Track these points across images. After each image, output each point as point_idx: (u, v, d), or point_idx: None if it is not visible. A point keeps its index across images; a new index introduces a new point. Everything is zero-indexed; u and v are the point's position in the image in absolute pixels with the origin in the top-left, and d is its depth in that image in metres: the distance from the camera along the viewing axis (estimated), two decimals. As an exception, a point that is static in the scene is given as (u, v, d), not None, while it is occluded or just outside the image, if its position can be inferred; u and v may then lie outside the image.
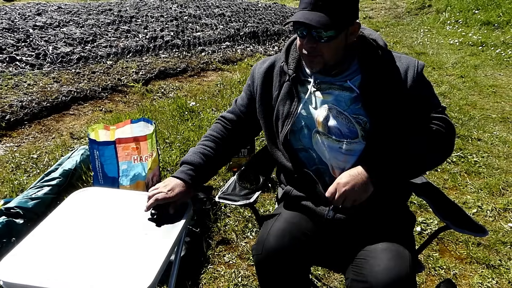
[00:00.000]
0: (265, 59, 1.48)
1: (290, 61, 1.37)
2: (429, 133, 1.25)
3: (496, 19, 7.09)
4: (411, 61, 1.28)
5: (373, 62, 1.27)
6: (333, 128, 1.27)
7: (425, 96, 1.28)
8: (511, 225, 2.29)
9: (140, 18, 6.69)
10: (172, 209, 1.32)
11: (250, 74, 1.49)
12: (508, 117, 3.79)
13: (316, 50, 1.21)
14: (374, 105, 1.24)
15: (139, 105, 4.00)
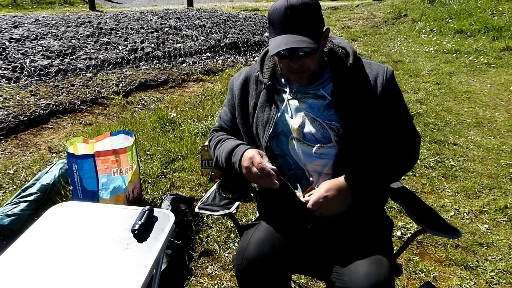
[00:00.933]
0: (241, 71, 1.51)
1: (264, 70, 1.41)
2: (398, 144, 1.31)
3: (469, 28, 7.31)
4: (380, 68, 1.33)
5: (344, 69, 1.32)
6: (307, 134, 1.31)
7: (394, 101, 1.33)
8: (487, 227, 2.35)
9: (120, 30, 6.66)
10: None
11: (229, 88, 1.52)
12: (482, 121, 3.90)
13: (303, 66, 1.27)
14: (345, 111, 1.29)
15: (119, 117, 3.97)
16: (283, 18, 1.22)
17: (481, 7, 7.97)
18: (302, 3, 1.21)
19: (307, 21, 1.23)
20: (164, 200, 2.37)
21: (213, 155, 1.49)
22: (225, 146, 1.42)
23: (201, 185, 2.78)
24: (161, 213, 1.38)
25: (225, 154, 1.39)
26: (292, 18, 1.21)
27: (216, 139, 1.50)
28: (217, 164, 1.46)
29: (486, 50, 6.35)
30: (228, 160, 1.37)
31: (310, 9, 1.23)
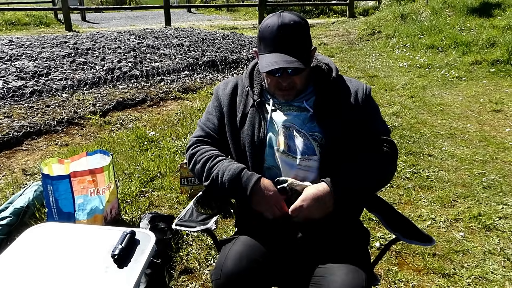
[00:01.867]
0: (227, 81, 1.53)
1: (254, 86, 1.45)
2: (377, 155, 1.36)
3: (440, 43, 7.58)
4: (360, 85, 1.42)
5: (327, 84, 1.39)
6: (292, 146, 1.35)
7: (373, 115, 1.41)
8: (462, 234, 2.40)
9: (97, 50, 6.64)
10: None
11: (214, 97, 1.52)
12: (455, 133, 4.02)
13: (291, 83, 1.32)
14: (327, 121, 1.34)
15: (96, 137, 3.92)
16: (275, 37, 1.26)
17: (450, 24, 8.28)
18: (294, 23, 1.26)
19: (298, 41, 1.28)
20: (143, 219, 2.34)
21: (200, 169, 1.40)
22: (225, 165, 1.36)
23: (181, 203, 2.76)
24: (142, 234, 1.36)
25: (230, 174, 1.33)
26: (284, 38, 1.26)
27: (204, 154, 1.42)
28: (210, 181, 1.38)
29: (456, 64, 6.57)
30: (234, 181, 1.32)
31: (301, 29, 1.28)
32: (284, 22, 1.25)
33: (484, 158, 3.42)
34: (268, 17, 1.31)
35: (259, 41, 1.33)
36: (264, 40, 1.30)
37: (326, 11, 14.55)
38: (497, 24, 7.76)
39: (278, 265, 1.34)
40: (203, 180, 1.41)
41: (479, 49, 6.95)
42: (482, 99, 5.04)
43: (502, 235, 2.39)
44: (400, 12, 9.71)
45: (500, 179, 3.05)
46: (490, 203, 2.74)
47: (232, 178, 1.32)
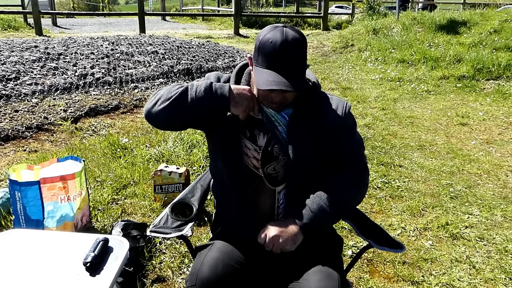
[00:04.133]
0: (218, 74, 1.48)
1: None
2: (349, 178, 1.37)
3: (410, 58, 7.85)
4: (340, 101, 1.42)
5: (310, 98, 1.38)
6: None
7: (349, 133, 1.42)
8: (430, 243, 2.48)
9: (69, 55, 6.51)
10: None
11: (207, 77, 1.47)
12: (424, 144, 4.16)
13: (284, 100, 1.31)
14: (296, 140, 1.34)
15: (67, 143, 3.83)
16: (276, 54, 1.23)
17: (420, 39, 8.60)
18: (297, 41, 1.24)
19: (298, 62, 1.26)
20: (115, 227, 2.29)
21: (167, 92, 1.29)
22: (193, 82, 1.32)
23: (154, 211, 2.72)
24: (116, 241, 1.33)
25: (202, 82, 1.29)
26: (286, 58, 1.23)
27: (174, 84, 1.34)
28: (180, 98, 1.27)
29: (425, 79, 6.82)
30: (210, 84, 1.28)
31: (302, 48, 1.26)
32: (288, 40, 1.22)
33: (451, 170, 3.55)
34: (269, 30, 1.26)
35: (258, 52, 1.28)
36: (264, 54, 1.25)
37: (301, 23, 14.83)
38: (463, 41, 8.11)
39: (254, 272, 1.34)
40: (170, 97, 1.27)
41: (447, 65, 7.24)
42: (450, 112, 5.24)
43: (468, 244, 2.48)
44: (372, 26, 10.01)
45: (466, 190, 3.17)
46: (457, 212, 2.84)
47: (206, 84, 1.28)
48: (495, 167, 3.60)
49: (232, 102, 1.29)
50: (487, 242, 2.50)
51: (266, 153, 1.36)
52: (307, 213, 1.30)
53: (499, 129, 4.63)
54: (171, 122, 1.35)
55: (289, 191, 1.37)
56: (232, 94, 1.29)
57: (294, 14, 15.93)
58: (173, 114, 1.29)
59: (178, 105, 1.26)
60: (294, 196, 1.36)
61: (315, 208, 1.30)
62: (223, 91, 1.27)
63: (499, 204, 2.95)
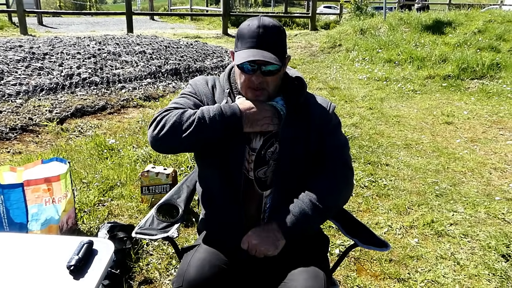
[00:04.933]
0: (205, 78, 1.49)
1: (233, 89, 1.43)
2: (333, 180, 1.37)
3: (396, 57, 7.93)
4: (325, 101, 1.45)
5: (297, 98, 1.39)
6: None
7: (334, 133, 1.43)
8: (416, 240, 2.51)
9: (54, 55, 6.43)
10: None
11: (192, 87, 1.45)
12: (410, 143, 4.20)
13: (263, 83, 1.32)
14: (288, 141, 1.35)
15: (53, 145, 3.78)
16: (254, 34, 1.29)
17: (406, 39, 8.69)
18: (274, 26, 1.31)
19: (275, 42, 1.31)
20: (101, 229, 2.27)
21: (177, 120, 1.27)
22: (202, 108, 1.31)
23: (141, 212, 2.70)
24: (101, 243, 1.31)
25: (212, 108, 1.29)
26: (263, 36, 1.29)
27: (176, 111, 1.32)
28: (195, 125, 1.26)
29: (412, 78, 6.90)
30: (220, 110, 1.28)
31: (280, 32, 1.33)
32: (264, 23, 1.30)
33: (436, 168, 3.60)
34: (248, 20, 1.34)
35: (237, 39, 1.34)
36: (242, 37, 1.32)
37: (289, 23, 14.86)
38: (448, 41, 8.23)
39: (240, 272, 1.34)
40: (182, 129, 1.26)
41: (433, 64, 7.33)
42: (435, 111, 5.30)
43: (452, 241, 2.52)
44: (359, 26, 10.09)
45: (451, 188, 3.22)
46: (442, 210, 2.88)
47: (217, 111, 1.28)
48: (479, 165, 3.65)
49: (247, 125, 1.30)
50: (471, 238, 2.54)
51: (259, 157, 1.37)
52: (289, 218, 1.30)
53: (483, 127, 4.70)
54: (180, 152, 1.45)
55: (276, 194, 1.37)
56: (246, 117, 1.30)
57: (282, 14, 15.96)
58: (183, 146, 1.31)
59: (190, 136, 1.26)
60: (280, 199, 1.36)
61: (297, 212, 1.30)
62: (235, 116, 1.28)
63: (483, 201, 3.00)
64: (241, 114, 1.29)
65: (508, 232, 2.58)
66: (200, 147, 1.37)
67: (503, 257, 2.34)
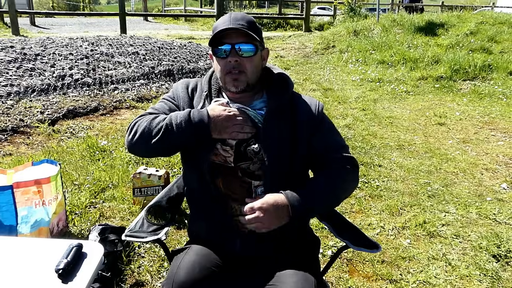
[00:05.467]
0: (188, 81, 1.49)
1: (212, 91, 1.43)
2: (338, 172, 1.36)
3: (389, 59, 7.96)
4: (312, 101, 1.43)
5: (282, 98, 1.38)
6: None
7: (330, 131, 1.43)
8: (408, 241, 2.52)
9: (46, 56, 6.38)
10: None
11: (173, 93, 1.47)
12: (403, 144, 4.22)
13: (240, 65, 1.31)
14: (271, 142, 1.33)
15: (44, 146, 3.75)
16: (226, 20, 1.32)
17: (399, 41, 8.74)
18: (246, 16, 1.35)
19: (248, 24, 1.32)
20: (92, 231, 2.25)
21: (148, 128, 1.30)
22: (171, 114, 1.32)
23: (133, 214, 2.68)
24: (90, 246, 1.30)
25: (180, 114, 1.30)
26: (235, 19, 1.32)
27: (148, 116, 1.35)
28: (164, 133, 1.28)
29: (405, 79, 6.93)
30: (188, 116, 1.29)
31: (253, 22, 1.35)
32: (236, 14, 1.34)
33: (429, 169, 3.61)
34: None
35: (212, 36, 1.33)
36: (216, 28, 1.33)
37: (283, 24, 14.88)
38: (441, 42, 8.28)
39: (231, 274, 1.34)
40: (152, 135, 1.29)
41: (425, 66, 7.37)
42: (428, 112, 5.33)
43: (444, 241, 2.53)
44: (353, 28, 10.12)
45: (443, 188, 3.23)
46: (434, 211, 2.89)
47: (184, 117, 1.29)
48: (471, 166, 3.68)
49: (215, 131, 1.30)
50: (462, 239, 2.55)
51: (239, 152, 1.35)
52: (297, 193, 1.28)
53: (475, 128, 4.74)
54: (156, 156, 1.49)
55: (267, 189, 1.33)
56: (213, 124, 1.29)
57: (276, 15, 15.98)
58: (156, 151, 1.39)
59: (158, 143, 1.29)
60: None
61: (306, 192, 1.30)
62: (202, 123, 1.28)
63: (474, 202, 3.01)
64: (209, 120, 1.28)
65: (499, 233, 2.59)
66: (178, 150, 1.41)
67: (494, 258, 2.36)
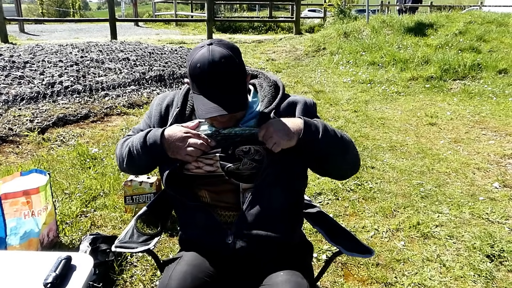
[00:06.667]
0: (164, 95, 1.48)
1: (187, 108, 1.41)
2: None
3: (380, 60, 7.99)
4: (302, 99, 1.42)
5: (272, 99, 1.38)
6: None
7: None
8: (403, 243, 2.51)
9: (35, 63, 6.32)
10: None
11: (150, 109, 1.48)
12: (395, 145, 4.23)
13: (233, 118, 1.31)
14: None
15: (34, 155, 3.70)
16: (206, 78, 1.21)
17: (389, 42, 8.78)
18: (225, 60, 1.20)
19: (232, 79, 1.23)
20: (83, 241, 2.22)
21: (120, 152, 1.39)
22: (137, 134, 1.37)
23: (125, 222, 2.65)
24: (80, 258, 1.27)
25: (139, 136, 1.33)
26: (216, 80, 1.21)
27: (124, 138, 1.44)
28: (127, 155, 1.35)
29: (395, 80, 6.96)
30: (144, 138, 1.30)
31: (233, 64, 1.23)
32: (215, 61, 1.19)
33: (421, 169, 3.62)
34: (196, 52, 1.23)
35: (190, 79, 1.27)
36: (196, 81, 1.24)
37: (274, 27, 14.91)
38: (430, 43, 8.33)
39: (223, 283, 1.32)
40: (124, 158, 1.38)
41: (415, 66, 7.41)
42: (419, 113, 5.35)
43: (438, 242, 2.53)
44: (343, 30, 10.15)
45: (436, 189, 3.24)
46: (427, 212, 2.89)
47: (140, 140, 1.32)
48: (463, 166, 3.69)
49: (169, 152, 1.30)
50: (456, 240, 2.56)
51: (226, 155, 1.32)
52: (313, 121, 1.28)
53: (465, 128, 4.76)
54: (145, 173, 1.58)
55: (257, 192, 1.31)
56: (167, 144, 1.29)
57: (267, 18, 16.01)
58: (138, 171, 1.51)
59: (131, 165, 1.38)
60: (262, 197, 1.31)
61: (319, 121, 1.30)
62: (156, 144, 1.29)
63: (467, 201, 3.02)
64: (162, 141, 1.28)
65: (492, 232, 2.60)
66: (154, 168, 1.43)
67: (487, 258, 2.36)
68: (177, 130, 1.29)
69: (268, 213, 1.31)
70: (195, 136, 1.28)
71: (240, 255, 1.32)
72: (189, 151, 1.26)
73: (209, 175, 1.33)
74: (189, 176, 1.35)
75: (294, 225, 1.43)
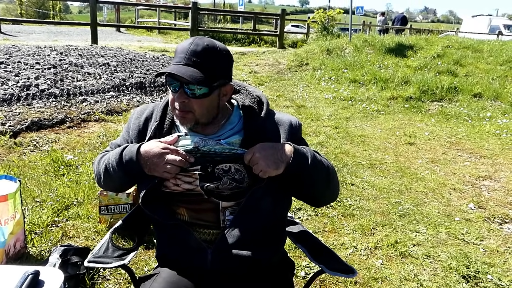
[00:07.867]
0: (144, 108, 1.43)
1: (165, 121, 1.37)
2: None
3: (361, 78, 8.14)
4: (288, 118, 1.38)
5: (257, 119, 1.33)
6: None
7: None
8: (381, 262, 2.50)
9: (11, 64, 6.13)
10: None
11: (128, 122, 1.43)
12: (374, 163, 4.26)
13: (187, 106, 1.23)
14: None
15: (4, 160, 3.55)
16: (184, 50, 1.22)
17: (371, 61, 8.97)
18: (209, 45, 1.22)
19: (206, 61, 1.20)
20: (53, 253, 2.11)
21: (98, 169, 1.36)
22: (113, 150, 1.34)
23: (99, 233, 2.55)
24: (48, 273, 1.19)
25: (115, 152, 1.29)
26: (193, 52, 1.20)
27: (101, 154, 1.41)
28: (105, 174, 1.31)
29: (376, 99, 7.08)
30: (119, 155, 1.26)
31: (216, 53, 1.22)
32: (198, 41, 1.22)
33: (400, 188, 3.66)
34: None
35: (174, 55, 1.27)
36: (175, 53, 1.26)
37: (257, 40, 15.01)
38: (410, 64, 8.56)
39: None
40: (101, 175, 1.34)
41: (395, 86, 7.58)
42: (398, 132, 5.44)
43: (415, 262, 2.53)
44: (326, 46, 10.33)
45: (413, 208, 3.27)
46: (405, 230, 2.91)
47: (115, 157, 1.28)
48: (440, 186, 3.75)
49: (146, 169, 1.25)
50: (433, 259, 2.57)
51: (205, 172, 1.27)
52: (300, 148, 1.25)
53: (442, 148, 4.86)
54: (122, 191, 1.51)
55: (239, 212, 1.26)
56: (143, 161, 1.24)
57: (251, 31, 16.12)
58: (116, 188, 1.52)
59: (108, 182, 1.36)
60: (243, 217, 1.26)
61: (308, 150, 1.26)
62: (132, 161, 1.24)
63: (444, 221, 3.06)
64: (137, 157, 1.23)
65: (468, 253, 2.63)
66: (133, 184, 1.38)
67: (463, 278, 2.38)
68: (154, 145, 1.24)
69: (250, 234, 1.26)
70: (173, 152, 1.22)
71: (219, 274, 1.27)
72: (167, 168, 1.21)
73: (188, 193, 1.28)
74: (167, 193, 1.29)
75: (276, 245, 1.38)
